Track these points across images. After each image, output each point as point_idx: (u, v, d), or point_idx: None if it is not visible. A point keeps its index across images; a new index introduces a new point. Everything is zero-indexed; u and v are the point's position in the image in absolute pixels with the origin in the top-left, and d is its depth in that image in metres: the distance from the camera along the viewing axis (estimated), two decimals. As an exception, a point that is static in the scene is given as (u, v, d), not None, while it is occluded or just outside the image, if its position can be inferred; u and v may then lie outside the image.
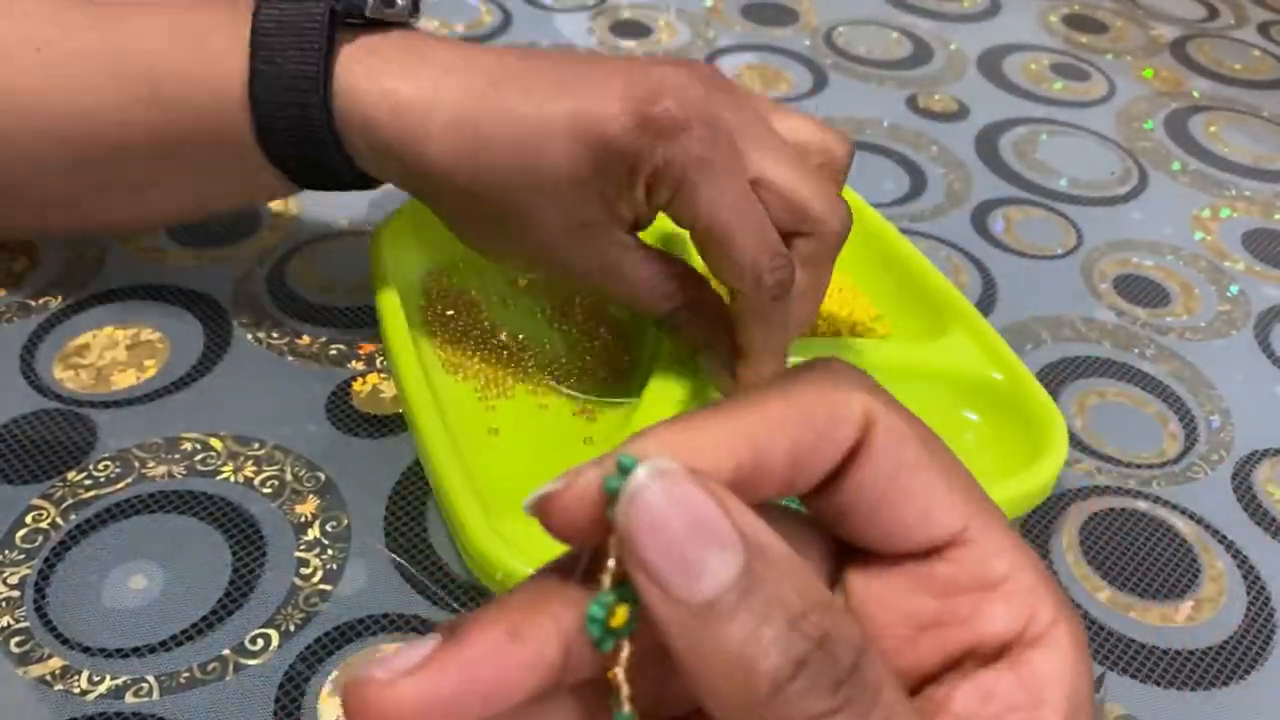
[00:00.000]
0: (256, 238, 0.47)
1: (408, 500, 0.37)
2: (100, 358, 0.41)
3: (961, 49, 0.71)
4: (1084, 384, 0.45)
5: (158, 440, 0.38)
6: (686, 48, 0.67)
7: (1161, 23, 0.78)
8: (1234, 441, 0.43)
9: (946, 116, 0.63)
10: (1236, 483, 0.41)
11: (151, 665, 0.31)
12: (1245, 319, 0.50)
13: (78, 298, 0.43)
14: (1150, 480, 0.41)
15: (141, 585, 0.33)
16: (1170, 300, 0.50)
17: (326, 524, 0.36)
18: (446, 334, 0.42)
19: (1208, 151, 0.62)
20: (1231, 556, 0.38)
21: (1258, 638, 0.36)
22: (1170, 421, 0.44)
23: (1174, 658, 0.35)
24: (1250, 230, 0.56)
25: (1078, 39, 0.74)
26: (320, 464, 0.38)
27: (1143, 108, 0.66)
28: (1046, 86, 0.67)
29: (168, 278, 0.45)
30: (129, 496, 0.36)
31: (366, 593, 0.34)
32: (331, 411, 0.40)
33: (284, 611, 0.33)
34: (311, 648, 0.32)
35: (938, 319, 0.42)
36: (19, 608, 0.32)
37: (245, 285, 0.45)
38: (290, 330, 0.43)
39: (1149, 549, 0.38)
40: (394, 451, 0.38)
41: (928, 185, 0.56)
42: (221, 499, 0.36)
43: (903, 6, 0.76)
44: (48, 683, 0.31)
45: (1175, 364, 0.47)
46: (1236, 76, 0.72)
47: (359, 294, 0.45)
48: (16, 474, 0.36)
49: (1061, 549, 0.38)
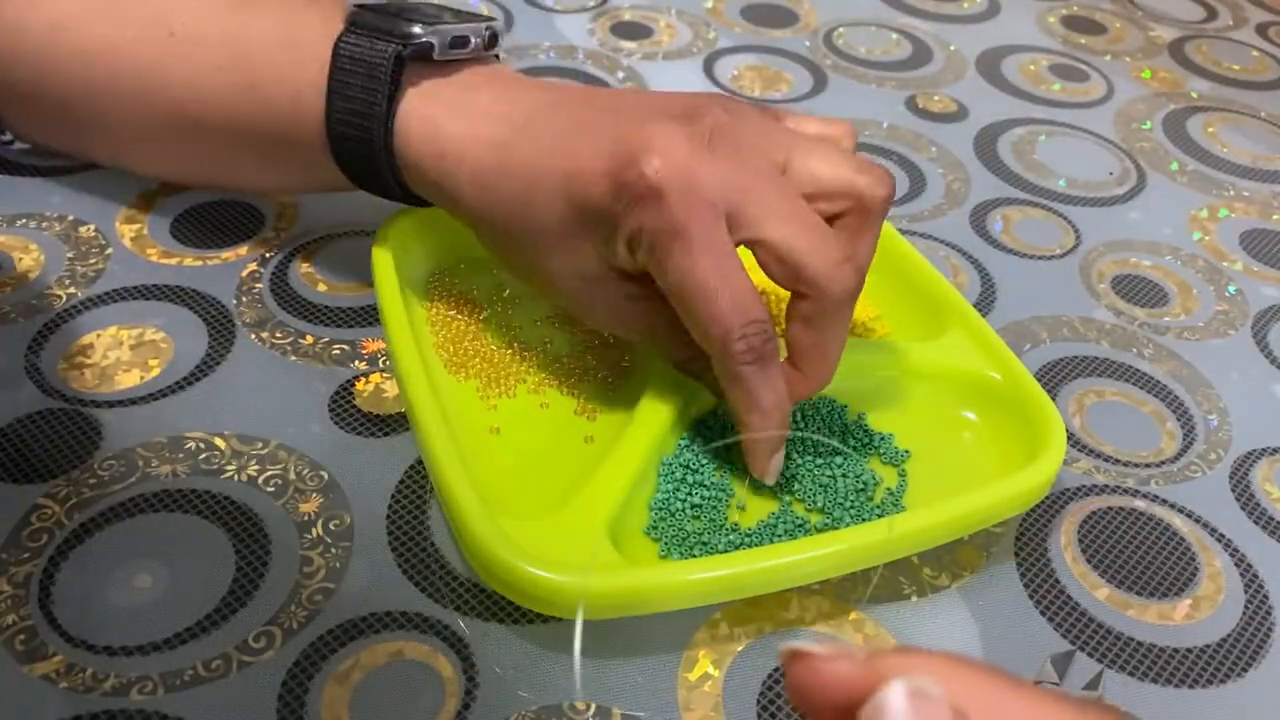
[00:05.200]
0: (260, 238, 0.47)
1: (410, 499, 0.37)
2: (105, 357, 0.41)
3: (960, 50, 0.71)
4: (1082, 383, 0.45)
5: (162, 439, 0.38)
6: (686, 48, 0.67)
7: (1160, 24, 0.78)
8: (1232, 440, 0.43)
9: (946, 117, 0.63)
10: (1234, 481, 0.42)
11: (156, 663, 0.32)
12: (1243, 319, 0.50)
13: (82, 298, 0.43)
14: (1148, 479, 0.41)
15: (146, 583, 0.34)
16: (1168, 300, 0.51)
17: (329, 522, 0.36)
18: (448, 333, 0.42)
19: (1206, 152, 0.63)
20: (1229, 555, 0.39)
21: (1255, 636, 0.36)
22: (1168, 421, 0.44)
23: (1172, 656, 0.35)
24: (1248, 230, 0.56)
25: (1076, 40, 0.74)
26: (323, 463, 0.38)
27: (1141, 108, 0.66)
28: (1045, 87, 0.68)
29: (172, 278, 0.45)
30: (133, 495, 0.36)
31: (369, 591, 0.34)
32: (334, 411, 0.40)
33: (287, 609, 0.33)
34: (315, 645, 0.32)
35: (937, 319, 0.42)
36: (24, 605, 0.33)
37: (249, 285, 0.45)
38: (293, 330, 0.43)
39: (1147, 548, 0.39)
40: (396, 450, 0.39)
41: (927, 186, 0.57)
42: (225, 498, 0.36)
43: (902, 8, 0.76)
44: (52, 680, 0.31)
45: (1173, 364, 0.47)
46: (1235, 77, 0.72)
47: (362, 294, 0.45)
48: (22, 473, 0.36)
49: (1060, 547, 0.38)
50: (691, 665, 0.33)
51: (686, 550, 0.35)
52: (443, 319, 0.43)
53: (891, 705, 0.16)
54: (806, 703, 0.18)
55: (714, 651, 0.34)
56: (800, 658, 0.18)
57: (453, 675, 0.32)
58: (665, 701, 0.32)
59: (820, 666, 0.18)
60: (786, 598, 0.35)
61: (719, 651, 0.34)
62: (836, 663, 0.18)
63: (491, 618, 0.34)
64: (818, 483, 0.37)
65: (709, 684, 0.33)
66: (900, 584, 0.36)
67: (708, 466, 0.37)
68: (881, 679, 0.17)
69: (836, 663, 0.18)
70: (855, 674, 0.17)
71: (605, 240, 0.34)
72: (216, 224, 0.48)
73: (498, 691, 0.32)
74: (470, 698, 0.32)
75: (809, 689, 0.18)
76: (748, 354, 0.33)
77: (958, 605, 0.36)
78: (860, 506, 0.37)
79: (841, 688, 0.17)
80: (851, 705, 0.17)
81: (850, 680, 0.17)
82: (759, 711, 0.32)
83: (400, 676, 0.32)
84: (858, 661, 0.17)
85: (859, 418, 0.40)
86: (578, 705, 0.32)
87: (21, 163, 0.50)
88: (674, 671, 0.33)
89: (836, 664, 0.18)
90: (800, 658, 0.18)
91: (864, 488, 0.37)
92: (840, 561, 0.33)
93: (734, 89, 0.64)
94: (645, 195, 0.32)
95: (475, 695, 0.32)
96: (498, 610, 0.34)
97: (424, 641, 0.33)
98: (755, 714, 0.32)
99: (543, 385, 0.40)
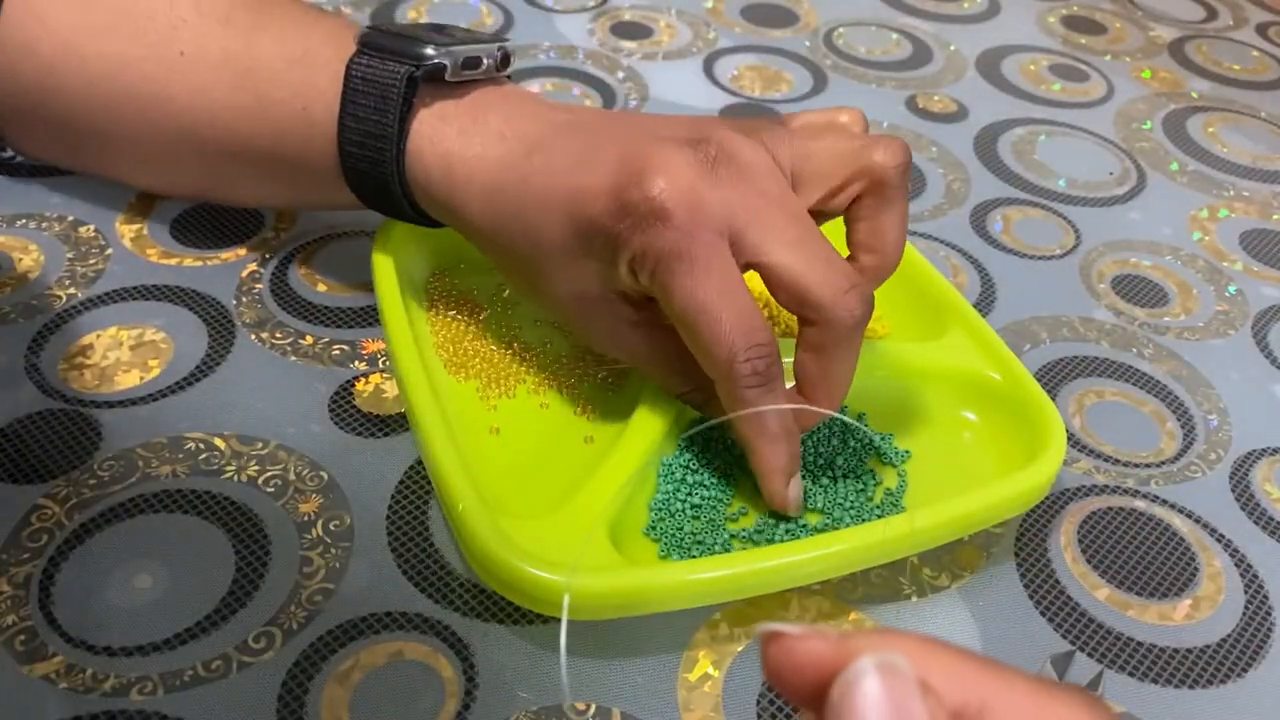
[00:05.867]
0: (260, 238, 0.47)
1: (410, 499, 0.37)
2: (104, 358, 0.41)
3: (961, 50, 0.71)
4: (1082, 383, 0.45)
5: (162, 440, 0.38)
6: (686, 48, 0.67)
7: (1160, 24, 0.78)
8: (1232, 441, 0.43)
9: (946, 117, 0.63)
10: (1234, 482, 0.42)
11: (155, 663, 0.32)
12: (1243, 319, 0.50)
13: (82, 298, 0.43)
14: (1148, 479, 0.41)
15: (146, 584, 0.34)
16: (1168, 300, 0.51)
17: (329, 523, 0.36)
18: (448, 334, 0.42)
19: (1206, 152, 0.63)
20: (1229, 555, 0.39)
21: (1255, 636, 0.36)
22: (1168, 421, 0.44)
23: (1172, 656, 0.35)
24: (1248, 230, 0.56)
25: (1076, 40, 0.74)
26: (323, 463, 0.38)
27: (1141, 108, 0.66)
28: (1045, 87, 0.68)
29: (172, 278, 0.45)
30: (133, 496, 0.36)
31: (369, 591, 0.34)
32: (334, 411, 0.40)
33: (287, 610, 0.33)
34: (315, 646, 0.32)
35: (937, 319, 0.42)
36: (24, 606, 0.33)
37: (249, 285, 0.45)
38: (293, 330, 0.43)
39: (1147, 548, 0.39)
40: (396, 451, 0.39)
41: (927, 186, 0.57)
42: (225, 498, 0.36)
43: (902, 8, 0.76)
44: (52, 680, 0.31)
45: (1173, 364, 0.47)
46: (1235, 77, 0.72)
47: (362, 294, 0.45)
48: (22, 473, 0.36)
49: (1060, 548, 0.38)
50: (691, 665, 0.33)
51: (686, 551, 0.35)
52: (443, 319, 0.43)
53: (861, 680, 0.17)
54: (782, 682, 0.19)
55: (714, 652, 0.34)
56: (775, 638, 0.18)
57: (453, 675, 0.32)
58: (665, 702, 0.32)
59: (794, 646, 0.18)
60: (786, 598, 0.35)
61: (719, 652, 0.34)
62: (810, 642, 0.18)
63: (491, 618, 0.34)
64: (817, 483, 0.37)
65: (709, 684, 0.33)
66: (900, 584, 0.36)
67: (708, 467, 0.37)
68: (853, 657, 0.17)
69: (810, 642, 0.18)
70: (828, 652, 0.18)
71: (609, 262, 0.34)
72: (216, 224, 0.48)
73: (498, 691, 0.32)
74: (470, 698, 0.32)
75: (784, 668, 0.18)
76: (752, 377, 0.33)
77: (957, 605, 0.36)
78: (860, 507, 0.37)
79: (815, 666, 0.18)
80: (825, 682, 0.17)
81: (823, 658, 0.18)
82: (759, 712, 0.32)
83: (400, 677, 0.32)
84: (831, 641, 0.18)
85: (859, 418, 0.40)
86: (578, 705, 0.32)
87: (21, 163, 0.50)
88: (674, 672, 0.33)
89: (810, 643, 0.18)
90: (775, 638, 0.18)
91: (864, 488, 0.37)
92: (840, 561, 0.33)
93: (734, 89, 0.64)
94: (650, 216, 0.32)
95: (475, 695, 0.32)
96: (498, 610, 0.34)
97: (424, 641, 0.33)
98: (755, 714, 0.32)
99: (543, 385, 0.41)
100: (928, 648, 0.18)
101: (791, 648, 0.18)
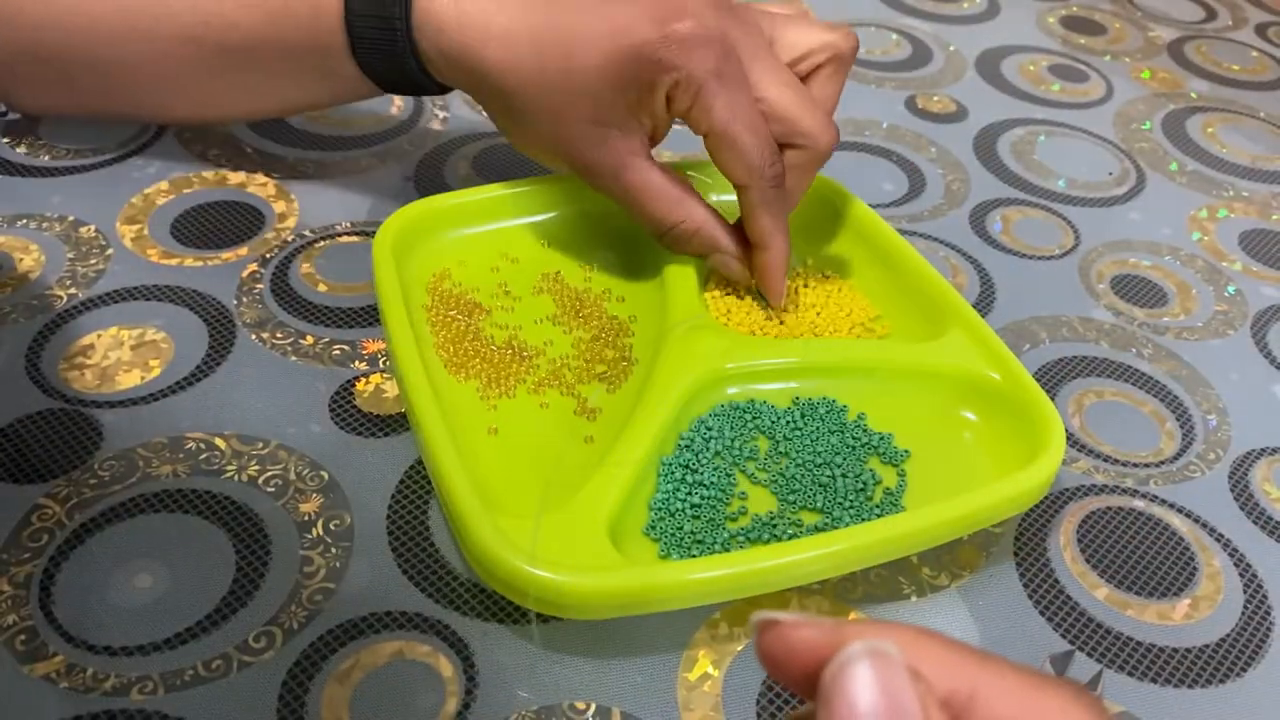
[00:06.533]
0: (260, 238, 0.47)
1: (410, 499, 0.37)
2: (105, 358, 0.41)
3: (960, 50, 0.71)
4: (1081, 383, 0.45)
5: (162, 440, 0.38)
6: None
7: (1159, 24, 0.78)
8: (1231, 440, 0.43)
9: (945, 117, 0.63)
10: (1233, 481, 0.42)
11: (156, 663, 0.32)
12: (1242, 319, 0.50)
13: (83, 298, 0.43)
14: (1147, 479, 0.41)
15: (146, 584, 0.34)
16: (1168, 300, 0.51)
17: (330, 523, 0.36)
18: (448, 334, 0.42)
19: (1205, 152, 0.63)
20: (1228, 555, 0.39)
21: (1254, 635, 0.36)
22: (1167, 421, 0.44)
23: (1171, 655, 0.35)
24: (1247, 230, 0.56)
25: (1076, 40, 0.75)
26: (323, 463, 0.38)
27: (1140, 109, 0.66)
28: (1045, 88, 0.68)
29: (172, 278, 0.45)
30: (134, 496, 0.36)
31: (369, 591, 0.34)
32: (335, 411, 0.40)
33: (287, 610, 0.33)
34: (315, 645, 0.32)
35: (936, 319, 0.43)
36: (24, 605, 0.33)
37: (249, 285, 0.45)
38: (294, 330, 0.43)
39: (1146, 547, 0.39)
40: (396, 450, 0.39)
41: (926, 186, 0.57)
42: (225, 498, 0.36)
43: (902, 8, 0.76)
44: (52, 680, 0.31)
45: (1172, 364, 0.47)
46: (1234, 77, 0.72)
47: (362, 294, 0.45)
48: (22, 473, 0.36)
49: (1059, 547, 0.38)
50: (691, 665, 0.33)
51: (686, 550, 0.35)
52: (443, 319, 0.43)
53: (852, 664, 0.17)
54: (776, 668, 0.19)
55: (714, 651, 0.34)
56: (769, 626, 0.19)
57: (453, 675, 0.32)
58: (665, 701, 0.32)
59: (788, 633, 0.19)
60: (786, 597, 0.35)
61: (719, 651, 0.34)
62: (803, 629, 0.18)
63: (491, 618, 0.34)
64: (817, 482, 0.37)
65: (709, 684, 0.33)
66: (900, 584, 0.36)
67: (707, 466, 0.37)
68: (845, 643, 0.17)
69: (803, 629, 0.18)
70: (820, 639, 0.18)
71: (646, 88, 0.38)
72: (217, 224, 0.48)
73: (498, 691, 0.32)
74: (470, 698, 0.32)
75: (777, 655, 0.19)
76: (775, 179, 0.40)
77: (957, 605, 0.36)
78: (860, 506, 0.37)
79: (808, 652, 0.18)
80: (818, 668, 0.18)
81: (816, 645, 0.18)
82: (759, 711, 0.32)
83: (400, 676, 0.32)
84: (824, 628, 0.18)
85: (859, 418, 0.40)
86: (577, 705, 0.32)
87: (22, 163, 0.50)
88: (674, 671, 0.33)
89: (803, 630, 0.18)
90: (769, 626, 0.19)
91: (863, 488, 0.37)
92: (840, 561, 0.33)
93: (734, 89, 0.64)
94: (693, 43, 0.37)
95: (475, 695, 0.32)
96: (498, 610, 0.34)
97: (424, 641, 0.33)
98: (755, 714, 0.32)
99: (543, 385, 0.41)
100: (919, 637, 0.18)
101: (785, 634, 0.18)
